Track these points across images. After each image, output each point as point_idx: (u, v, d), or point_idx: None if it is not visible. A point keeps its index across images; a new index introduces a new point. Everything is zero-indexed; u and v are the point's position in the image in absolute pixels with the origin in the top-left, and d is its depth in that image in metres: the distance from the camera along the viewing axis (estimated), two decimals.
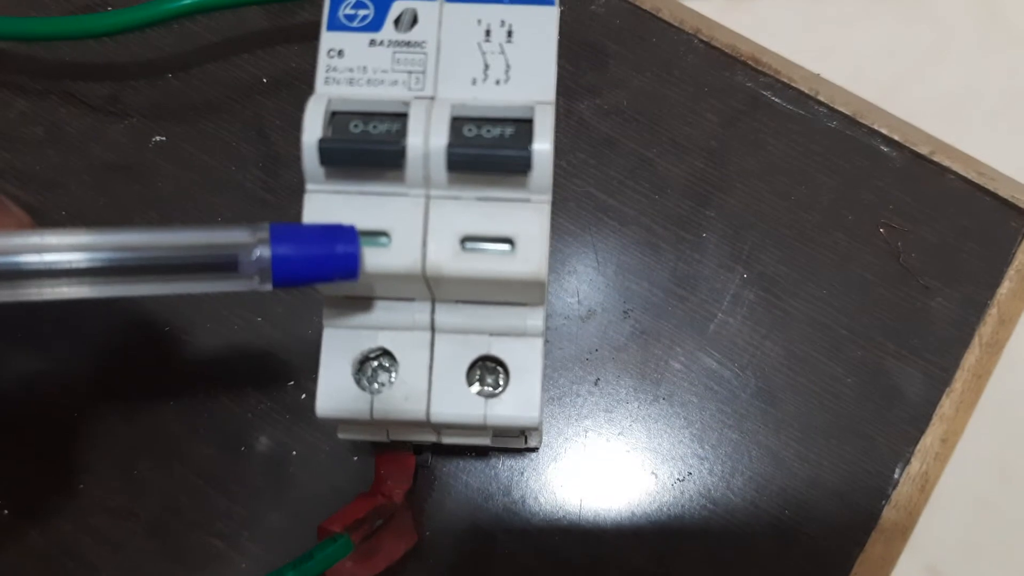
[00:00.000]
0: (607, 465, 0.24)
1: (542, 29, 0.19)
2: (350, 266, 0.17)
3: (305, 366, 0.25)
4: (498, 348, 0.20)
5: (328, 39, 0.19)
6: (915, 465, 0.24)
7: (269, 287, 0.16)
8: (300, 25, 0.27)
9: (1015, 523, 0.25)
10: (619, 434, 0.24)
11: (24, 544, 0.24)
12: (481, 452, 0.24)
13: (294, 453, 0.24)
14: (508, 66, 0.19)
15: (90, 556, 0.24)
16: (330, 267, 0.17)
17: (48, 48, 0.27)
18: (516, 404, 0.19)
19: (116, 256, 0.16)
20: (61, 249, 0.15)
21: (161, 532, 0.24)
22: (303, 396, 0.24)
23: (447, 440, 0.22)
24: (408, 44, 0.19)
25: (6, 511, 0.24)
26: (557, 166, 0.26)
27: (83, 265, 0.15)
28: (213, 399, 0.24)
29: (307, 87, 0.27)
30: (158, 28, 0.26)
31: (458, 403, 0.19)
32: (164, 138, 0.26)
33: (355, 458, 0.24)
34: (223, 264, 0.16)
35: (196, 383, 0.25)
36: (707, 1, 0.29)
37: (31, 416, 0.24)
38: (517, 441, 0.23)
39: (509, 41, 0.19)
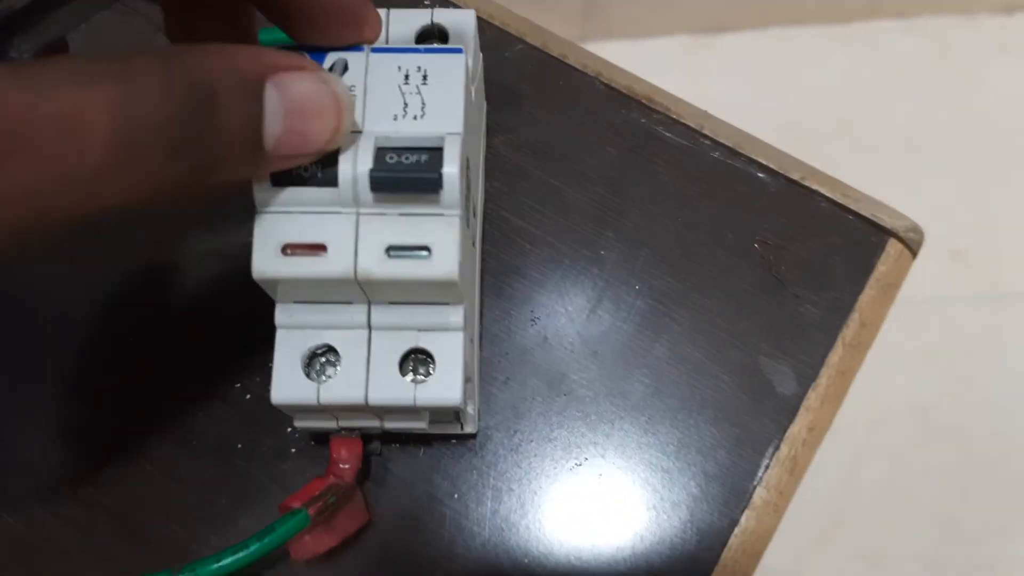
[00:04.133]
0: (516, 454, 0.27)
1: (452, 73, 0.23)
2: None
3: (249, 371, 0.28)
4: (425, 341, 0.23)
5: None
6: (784, 450, 0.27)
7: None
8: None
9: (871, 501, 0.28)
10: (525, 426, 0.28)
11: (3, 531, 0.27)
12: (425, 440, 0.28)
13: (239, 446, 0.27)
14: (423, 104, 0.23)
15: (62, 541, 0.27)
16: None
17: None
18: (440, 387, 0.23)
19: None
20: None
21: (124, 519, 0.27)
22: (248, 396, 0.28)
23: (389, 425, 0.25)
24: None
25: None
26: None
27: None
28: (169, 401, 0.28)
29: None
30: None
31: (391, 388, 0.23)
32: None
33: (293, 450, 0.27)
34: None
35: (154, 387, 0.28)
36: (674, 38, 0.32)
37: (4, 415, 0.28)
38: (454, 427, 0.27)
39: (424, 83, 0.23)
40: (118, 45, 0.31)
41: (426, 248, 0.22)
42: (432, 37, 0.26)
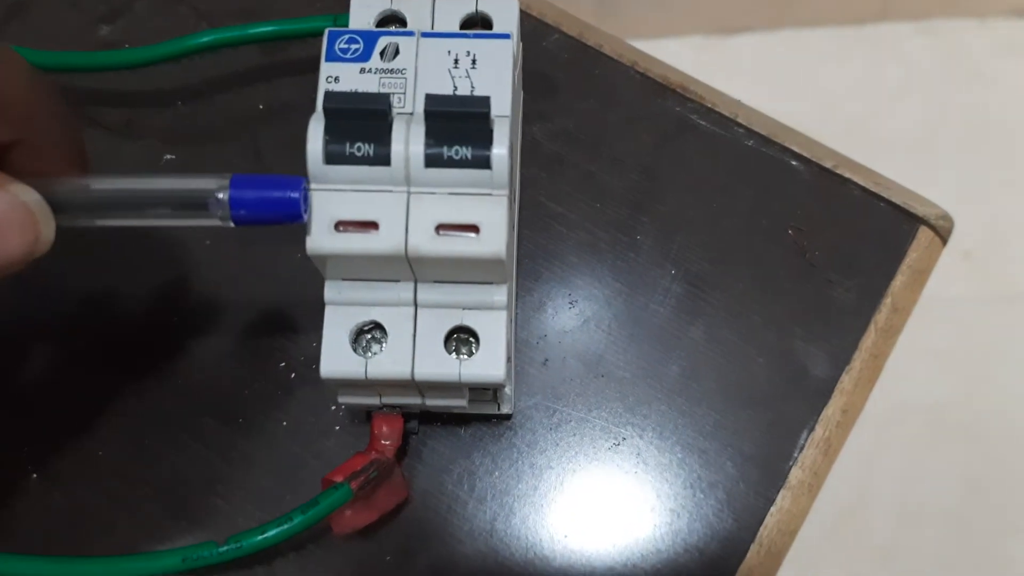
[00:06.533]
0: (555, 433, 0.28)
1: (500, 57, 0.24)
2: (294, 208, 0.21)
3: (293, 351, 0.29)
4: (469, 319, 0.24)
5: (326, 68, 0.23)
6: (819, 431, 0.28)
7: (231, 224, 0.21)
8: (291, 61, 0.31)
9: (883, 499, 0.29)
10: (564, 407, 0.28)
11: (48, 505, 0.28)
12: (464, 420, 0.28)
13: (284, 424, 0.28)
14: (472, 87, 0.23)
15: (106, 515, 0.28)
16: (277, 209, 0.21)
17: (72, 78, 0.31)
18: (484, 364, 0.24)
19: (121, 193, 0.21)
20: (85, 189, 0.21)
21: (168, 493, 0.28)
22: (292, 376, 0.28)
23: (430, 402, 0.26)
24: (391, 71, 0.24)
25: (35, 475, 0.28)
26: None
27: (99, 200, 0.21)
28: (214, 379, 0.28)
29: (297, 114, 0.31)
30: (169, 62, 0.30)
31: (437, 364, 0.24)
32: (173, 157, 0.31)
33: (336, 428, 0.28)
34: (196, 203, 0.21)
35: (200, 368, 0.29)
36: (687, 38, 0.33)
37: (56, 396, 0.28)
38: (491, 407, 0.27)
39: (473, 67, 0.24)
40: (162, 32, 0.31)
41: (475, 227, 0.22)
42: (475, 24, 0.26)
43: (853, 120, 0.95)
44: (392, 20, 0.25)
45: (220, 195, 0.21)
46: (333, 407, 0.28)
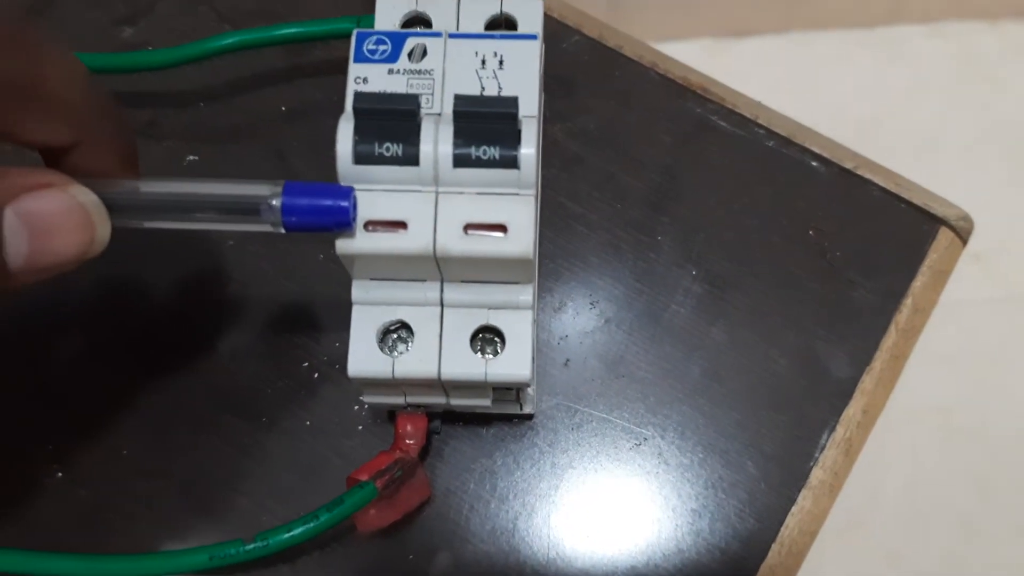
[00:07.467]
0: (577, 433, 0.28)
1: (527, 58, 0.24)
2: (343, 216, 0.21)
3: (316, 351, 0.29)
4: (495, 319, 0.24)
5: (355, 69, 0.24)
6: (840, 432, 0.28)
7: (282, 230, 0.22)
8: (313, 62, 0.32)
9: (892, 501, 0.29)
10: (585, 406, 0.28)
11: (72, 501, 0.28)
12: (484, 419, 0.28)
13: (308, 424, 0.28)
14: (500, 88, 0.24)
15: (129, 511, 0.28)
16: (327, 216, 0.21)
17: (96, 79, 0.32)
18: (510, 363, 0.24)
19: (175, 196, 0.21)
20: (140, 191, 0.21)
21: (191, 490, 0.28)
22: (315, 375, 0.28)
23: (455, 402, 0.26)
24: (419, 72, 0.24)
25: (60, 474, 0.28)
26: None
27: (153, 202, 0.21)
28: (238, 378, 0.29)
29: (318, 114, 0.31)
30: (191, 64, 0.30)
31: (463, 363, 0.24)
32: (196, 158, 0.31)
33: (359, 427, 0.28)
34: (249, 209, 0.21)
35: (223, 364, 0.29)
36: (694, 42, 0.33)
37: (81, 392, 0.29)
38: (514, 406, 0.27)
39: (501, 68, 0.24)
40: (184, 33, 0.32)
41: (502, 227, 0.22)
42: (500, 25, 0.26)
43: (863, 122, 0.95)
44: (417, 21, 0.25)
45: (273, 202, 0.21)
46: (356, 406, 0.28)
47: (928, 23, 1.00)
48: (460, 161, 0.22)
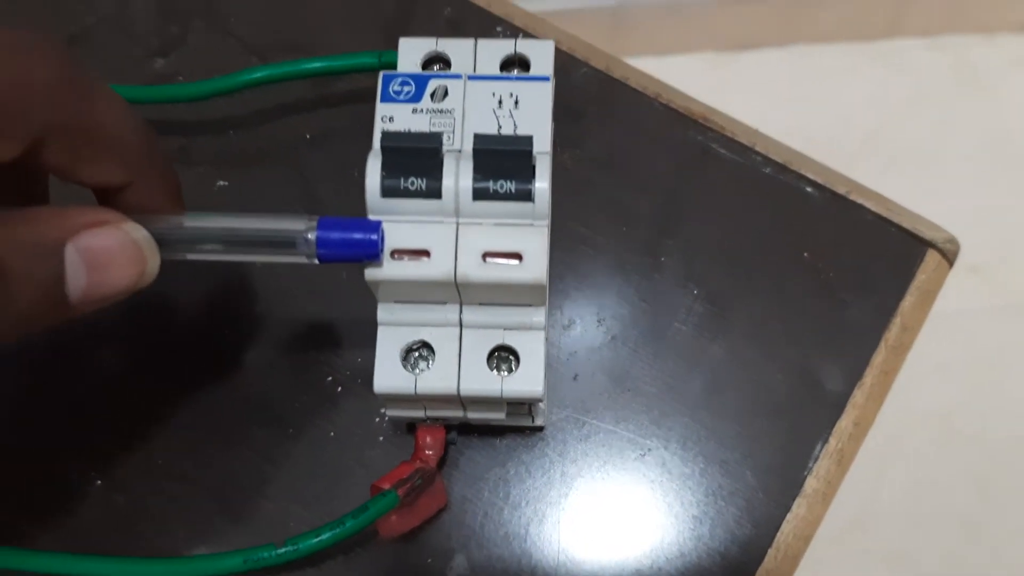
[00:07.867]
0: (585, 444, 0.30)
1: (540, 98, 0.26)
2: (372, 248, 0.23)
3: (339, 366, 0.30)
4: (510, 339, 0.26)
5: (381, 108, 0.26)
6: (832, 443, 0.30)
7: (316, 261, 0.23)
8: (337, 93, 0.33)
9: (893, 506, 0.31)
10: (593, 419, 0.30)
11: (111, 507, 0.30)
12: (497, 431, 0.30)
13: (332, 435, 0.30)
14: (515, 126, 0.26)
15: (162, 516, 0.29)
16: (358, 249, 0.23)
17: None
18: (525, 380, 0.26)
19: (218, 231, 0.23)
20: (185, 226, 0.23)
21: (220, 496, 0.30)
22: (339, 389, 0.30)
23: (472, 415, 0.28)
24: (441, 111, 0.26)
25: (99, 481, 0.30)
26: None
27: (198, 236, 0.23)
28: (266, 390, 0.30)
29: (341, 142, 0.33)
30: (222, 95, 0.32)
31: (481, 380, 0.25)
32: (226, 183, 0.33)
33: (380, 438, 0.30)
34: (286, 243, 0.23)
35: (252, 378, 0.31)
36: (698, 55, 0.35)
37: (119, 406, 0.30)
38: (526, 419, 0.29)
39: (516, 107, 0.26)
40: (213, 65, 0.33)
41: (518, 255, 0.24)
42: (514, 64, 0.28)
43: (863, 135, 0.97)
44: (436, 60, 0.27)
45: (309, 235, 0.23)
46: (377, 419, 0.30)
47: (927, 36, 1.02)
48: (479, 194, 0.24)
